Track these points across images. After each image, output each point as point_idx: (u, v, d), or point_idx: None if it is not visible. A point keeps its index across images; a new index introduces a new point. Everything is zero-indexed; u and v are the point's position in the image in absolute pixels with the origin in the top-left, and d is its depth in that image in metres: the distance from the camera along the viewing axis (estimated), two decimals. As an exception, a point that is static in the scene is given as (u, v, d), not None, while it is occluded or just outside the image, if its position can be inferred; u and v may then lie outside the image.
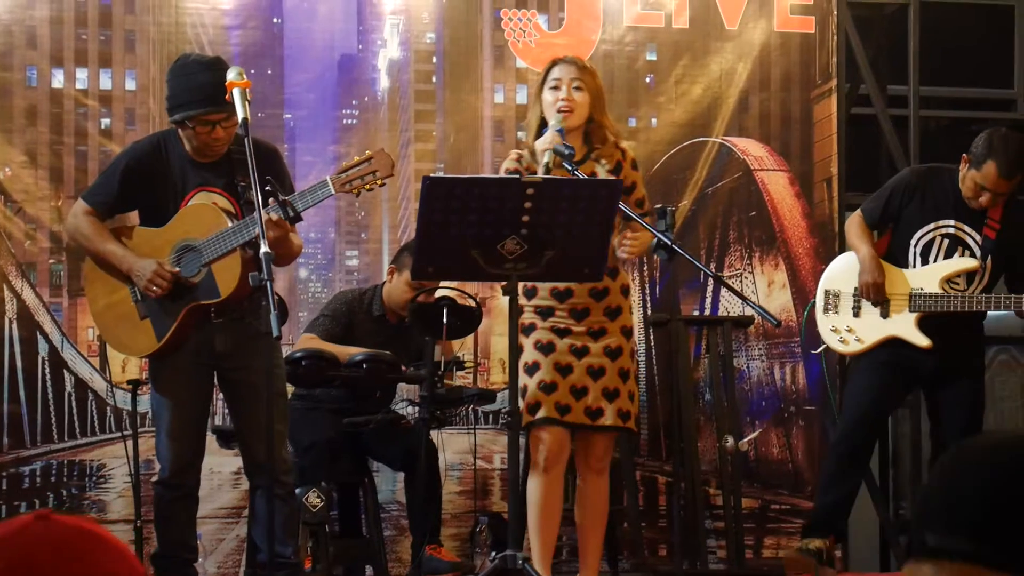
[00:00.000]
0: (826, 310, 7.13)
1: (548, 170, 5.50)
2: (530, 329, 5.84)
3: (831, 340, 7.12)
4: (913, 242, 6.99)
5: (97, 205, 5.92)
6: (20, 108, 8.01)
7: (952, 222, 6.94)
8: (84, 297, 6.96)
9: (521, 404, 5.67)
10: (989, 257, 6.91)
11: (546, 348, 5.81)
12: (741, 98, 8.73)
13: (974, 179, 6.78)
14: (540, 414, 5.77)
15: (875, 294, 6.95)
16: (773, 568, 7.94)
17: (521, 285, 5.84)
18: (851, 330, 7.03)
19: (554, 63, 5.98)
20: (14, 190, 7.92)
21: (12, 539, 1.61)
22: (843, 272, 7.15)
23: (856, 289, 7.04)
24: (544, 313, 5.84)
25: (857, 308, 7.03)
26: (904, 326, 6.94)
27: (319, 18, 8.43)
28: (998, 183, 6.74)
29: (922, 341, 6.89)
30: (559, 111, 5.79)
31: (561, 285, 5.80)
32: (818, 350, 7.37)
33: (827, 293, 7.14)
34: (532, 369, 5.80)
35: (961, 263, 6.90)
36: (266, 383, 5.36)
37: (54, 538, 1.62)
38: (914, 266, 6.98)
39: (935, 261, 6.95)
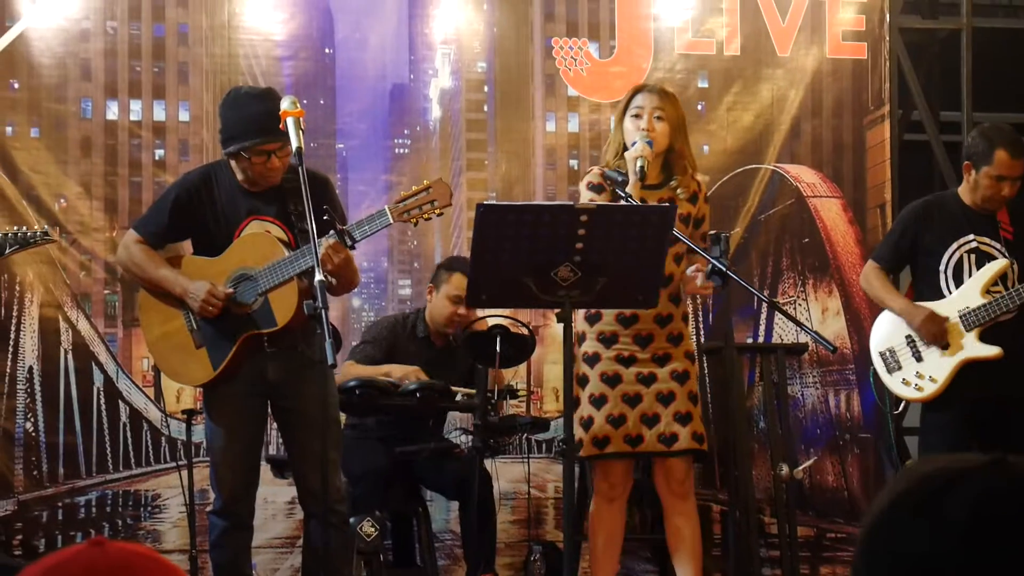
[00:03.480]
0: (890, 370, 7.04)
1: (643, 174, 5.54)
2: (594, 360, 5.82)
3: (907, 393, 7.02)
4: (942, 269, 6.94)
5: (148, 236, 5.94)
6: (75, 140, 8.07)
7: (972, 236, 6.91)
8: (139, 327, 6.98)
9: (583, 434, 5.69)
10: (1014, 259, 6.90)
11: (612, 380, 5.79)
12: (793, 125, 8.71)
13: (988, 175, 6.77)
14: (610, 448, 5.77)
15: (938, 334, 6.88)
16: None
17: (584, 310, 5.85)
18: (921, 375, 6.95)
19: (637, 91, 5.97)
20: (69, 221, 7.97)
21: (67, 565, 1.61)
22: (887, 329, 7.08)
23: (907, 337, 6.97)
24: (607, 340, 5.83)
25: (917, 354, 6.96)
26: (969, 347, 6.88)
27: (370, 48, 8.46)
28: (1013, 166, 6.78)
29: (991, 351, 6.83)
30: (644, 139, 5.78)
31: (627, 312, 5.79)
32: (899, 409, 7.33)
33: (882, 355, 7.07)
34: (599, 402, 5.78)
35: (992, 267, 6.87)
36: (320, 411, 5.36)
37: (109, 564, 1.61)
38: (950, 291, 6.93)
39: (970, 277, 6.90)
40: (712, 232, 5.54)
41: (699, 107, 8.69)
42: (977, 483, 1.58)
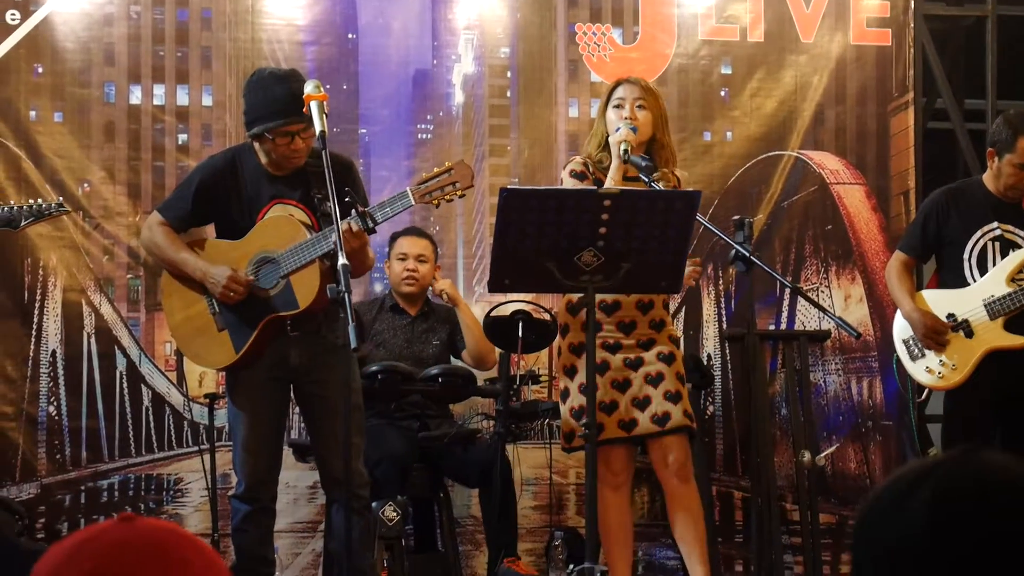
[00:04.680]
0: (913, 358, 7.02)
1: (627, 157, 5.55)
2: (580, 348, 5.83)
3: (931, 381, 6.99)
4: (966, 257, 6.91)
5: (171, 219, 5.95)
6: (98, 124, 8.08)
7: (996, 224, 6.88)
8: (161, 312, 7.00)
9: (575, 423, 5.72)
10: None
11: (600, 367, 5.77)
12: (817, 111, 8.68)
13: (1011, 162, 6.75)
14: (605, 435, 5.79)
15: (937, 340, 6.87)
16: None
17: (568, 300, 5.86)
18: (944, 363, 6.93)
19: (618, 83, 6.03)
20: (92, 206, 7.98)
21: (98, 540, 1.61)
22: None
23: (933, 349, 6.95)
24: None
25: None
26: (994, 336, 6.85)
27: (394, 33, 8.45)
28: None
29: (1017, 340, 6.81)
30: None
31: (609, 298, 5.80)
32: (922, 397, 7.31)
33: (905, 343, 7.05)
34: None
35: (1017, 256, 6.84)
36: (343, 396, 5.35)
37: (140, 539, 1.61)
38: (974, 279, 6.90)
39: (994, 265, 6.87)
40: (736, 218, 5.54)
41: (722, 93, 8.67)
42: (942, 476, 1.65)
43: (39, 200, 6.21)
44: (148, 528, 1.63)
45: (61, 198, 6.67)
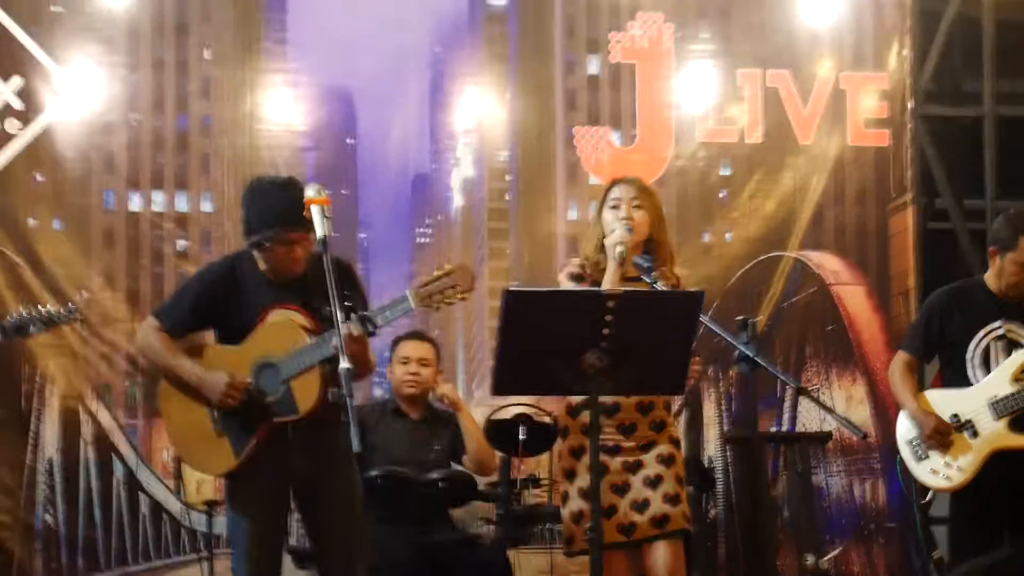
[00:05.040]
0: (918, 459, 6.96)
1: (623, 259, 5.50)
2: (580, 451, 5.76)
3: (935, 482, 6.93)
4: (968, 357, 6.87)
5: (168, 325, 5.89)
6: (97, 232, 8.07)
7: (999, 323, 6.85)
8: (160, 418, 6.94)
9: (575, 528, 5.63)
10: None
11: (600, 471, 5.70)
12: (816, 212, 8.69)
13: (1014, 260, 6.73)
14: (604, 539, 5.68)
15: (941, 440, 6.83)
16: None
17: (568, 404, 5.81)
18: (949, 464, 6.88)
19: (614, 182, 5.99)
20: (91, 313, 7.96)
21: None
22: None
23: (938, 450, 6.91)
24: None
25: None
26: (999, 436, 6.80)
27: (392, 138, 8.49)
28: None
29: (1022, 440, 6.76)
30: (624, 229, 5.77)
31: (609, 400, 5.74)
32: (927, 499, 7.24)
33: (910, 443, 7.00)
34: (589, 494, 5.70)
35: (1021, 355, 6.80)
36: (346, 502, 5.29)
37: None
38: (977, 379, 6.86)
39: (997, 364, 6.84)
40: (739, 318, 5.50)
41: (721, 194, 8.69)
42: None
43: (49, 307, 6.15)
44: None
45: (72, 304, 6.62)
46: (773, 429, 8.45)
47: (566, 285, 5.84)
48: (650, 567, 5.87)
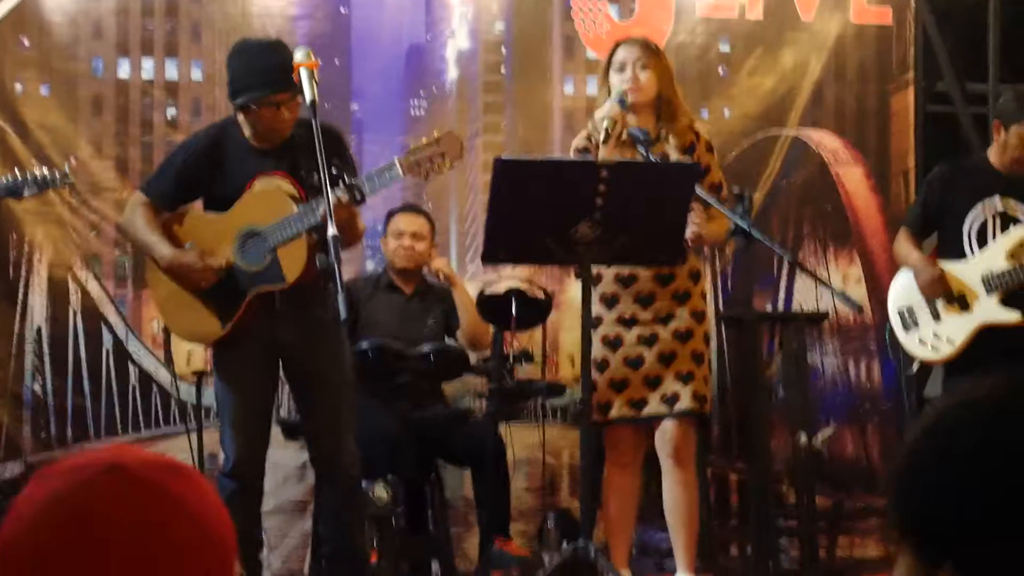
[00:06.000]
0: (906, 328, 6.92)
1: (607, 136, 5.38)
2: (596, 323, 5.68)
3: (923, 353, 6.89)
4: (965, 230, 6.81)
5: (154, 198, 5.82)
6: (86, 99, 7.96)
7: (997, 198, 6.78)
8: (148, 288, 6.88)
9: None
10: None
11: (614, 343, 5.66)
12: (815, 90, 8.58)
13: (1019, 134, 6.64)
14: (613, 414, 5.65)
15: (940, 288, 6.76)
16: (847, 567, 7.78)
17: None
18: (938, 336, 6.82)
19: (618, 45, 5.86)
20: (79, 181, 7.85)
21: (78, 493, 1.46)
22: (907, 287, 6.95)
23: (924, 297, 6.84)
24: (609, 302, 5.69)
25: (936, 313, 6.83)
26: (989, 310, 6.75)
27: (387, 8, 8.35)
28: None
29: (1012, 316, 6.70)
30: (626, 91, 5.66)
31: (625, 271, 5.65)
32: (912, 370, 7.19)
33: (900, 312, 6.95)
34: (602, 366, 5.66)
35: (1018, 231, 6.73)
36: (334, 372, 5.23)
37: (119, 500, 1.46)
38: (973, 253, 6.80)
39: (994, 240, 6.76)
40: (736, 191, 5.41)
41: (720, 71, 8.57)
42: (989, 411, 1.52)
43: (44, 169, 6.05)
44: (135, 482, 1.48)
45: (67, 168, 6.53)
46: (768, 309, 8.39)
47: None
48: (657, 442, 5.82)
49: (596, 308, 5.68)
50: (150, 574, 1.42)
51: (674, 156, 5.65)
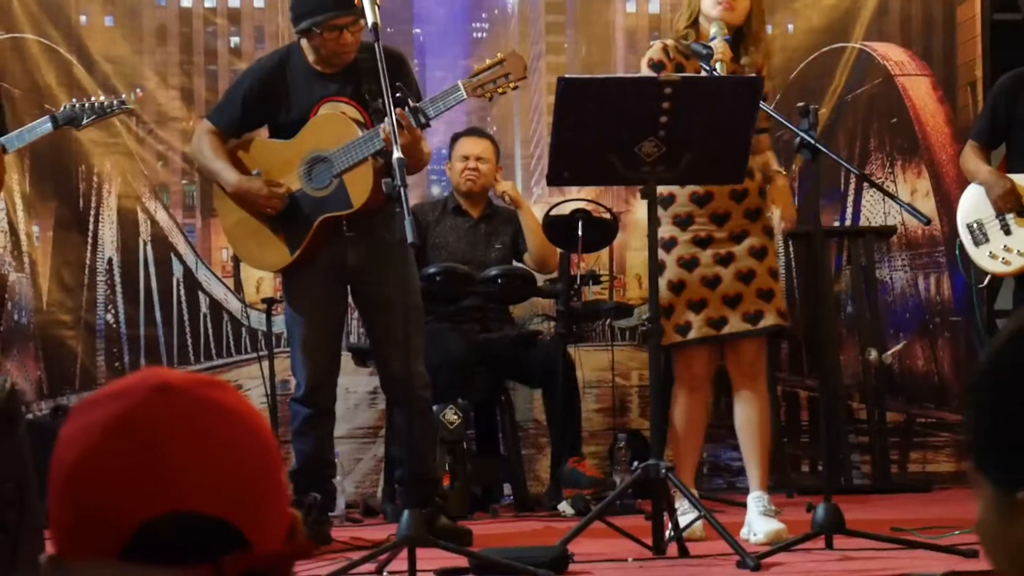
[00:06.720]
0: (976, 243, 6.84)
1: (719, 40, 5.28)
2: (671, 244, 5.62)
3: (993, 267, 6.82)
4: None
5: (222, 126, 5.85)
6: (149, 28, 7.98)
7: None
8: (217, 218, 6.92)
9: (664, 321, 5.48)
10: None
11: (689, 264, 5.60)
12: (881, 2, 8.46)
13: None
14: (692, 335, 5.58)
15: (1012, 202, 6.68)
16: (919, 482, 7.76)
17: (658, 193, 5.66)
18: (1009, 249, 6.75)
19: None
20: (146, 112, 7.91)
21: (139, 413, 1.48)
22: (976, 201, 6.87)
23: (996, 211, 6.77)
24: (683, 222, 5.63)
25: (1006, 227, 6.76)
26: None
27: (449, -71, 8.31)
28: None
29: None
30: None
31: (701, 189, 5.59)
32: (983, 283, 7.13)
33: (969, 227, 6.87)
34: (679, 287, 5.58)
35: None
36: (402, 296, 5.24)
37: (178, 416, 1.48)
38: None
39: None
40: (800, 105, 5.34)
41: (784, -15, 8.48)
42: None
43: (101, 98, 6.09)
44: (189, 402, 1.50)
45: (124, 95, 6.56)
46: (836, 224, 8.33)
47: (645, 72, 5.61)
48: (729, 360, 5.78)
49: (669, 229, 5.61)
50: (214, 480, 1.46)
51: None
